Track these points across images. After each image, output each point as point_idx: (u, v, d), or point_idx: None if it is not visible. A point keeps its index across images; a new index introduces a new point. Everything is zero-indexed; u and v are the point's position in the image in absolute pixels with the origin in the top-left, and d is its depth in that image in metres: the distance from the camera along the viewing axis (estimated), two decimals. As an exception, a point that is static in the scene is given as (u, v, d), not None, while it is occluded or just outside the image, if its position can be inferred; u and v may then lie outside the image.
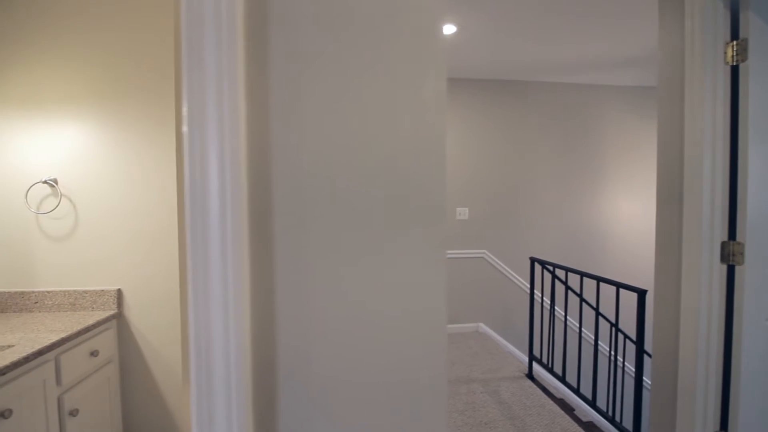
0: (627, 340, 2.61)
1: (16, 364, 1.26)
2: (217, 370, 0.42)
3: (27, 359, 1.31)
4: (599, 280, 2.49)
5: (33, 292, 1.83)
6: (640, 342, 2.13)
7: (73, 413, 1.53)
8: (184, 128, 0.39)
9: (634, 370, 2.22)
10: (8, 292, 1.82)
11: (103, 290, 1.85)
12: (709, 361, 1.38)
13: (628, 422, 2.28)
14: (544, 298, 3.10)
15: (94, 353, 1.67)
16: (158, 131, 1.87)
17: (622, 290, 2.28)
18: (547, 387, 2.93)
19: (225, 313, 0.42)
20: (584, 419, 2.50)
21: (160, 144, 1.87)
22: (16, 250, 1.83)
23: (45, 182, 1.81)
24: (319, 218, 0.44)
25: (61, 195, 1.83)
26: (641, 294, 2.11)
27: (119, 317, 1.89)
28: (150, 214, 1.88)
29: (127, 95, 1.85)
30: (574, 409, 2.62)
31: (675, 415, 1.46)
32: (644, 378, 2.24)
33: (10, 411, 1.23)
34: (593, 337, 2.57)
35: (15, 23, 1.79)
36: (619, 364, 3.15)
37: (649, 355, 2.12)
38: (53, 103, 1.82)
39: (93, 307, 1.85)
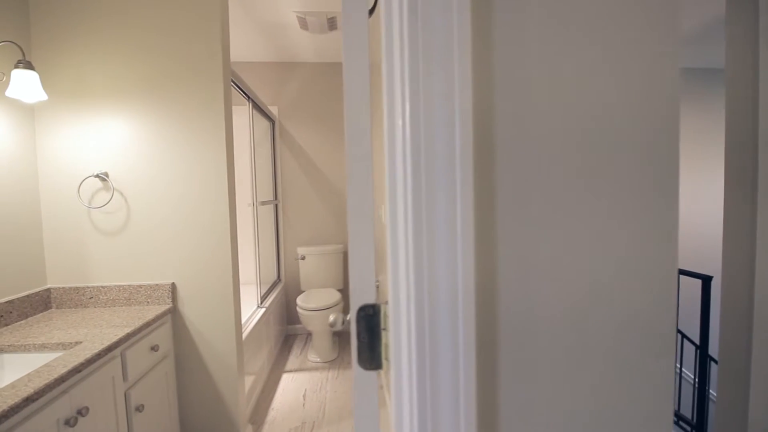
0: (685, 341, 2.41)
1: (90, 361, 1.24)
2: (442, 328, 0.36)
3: (99, 355, 1.29)
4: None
5: (88, 287, 1.82)
6: (703, 342, 1.97)
7: (140, 408, 1.52)
8: (419, 75, 0.33)
9: (694, 378, 2.05)
10: (63, 288, 1.82)
11: (157, 284, 1.84)
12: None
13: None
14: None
15: (154, 348, 1.66)
16: (205, 122, 1.83)
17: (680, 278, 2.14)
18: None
19: (452, 266, 0.36)
20: None
21: (207, 135, 1.83)
22: (69, 246, 1.81)
23: (96, 176, 1.78)
24: (540, 171, 0.39)
25: (113, 189, 1.80)
26: (706, 281, 1.99)
27: (174, 311, 1.87)
28: (199, 206, 1.85)
29: (174, 87, 1.81)
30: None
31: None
32: (710, 390, 2.04)
33: (87, 408, 1.22)
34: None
35: (62, 18, 1.75)
36: (675, 370, 3.03)
37: (715, 362, 1.92)
38: (101, 96, 1.78)
39: (148, 302, 1.84)
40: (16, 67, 1.49)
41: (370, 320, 0.52)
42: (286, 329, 3.73)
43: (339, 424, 2.23)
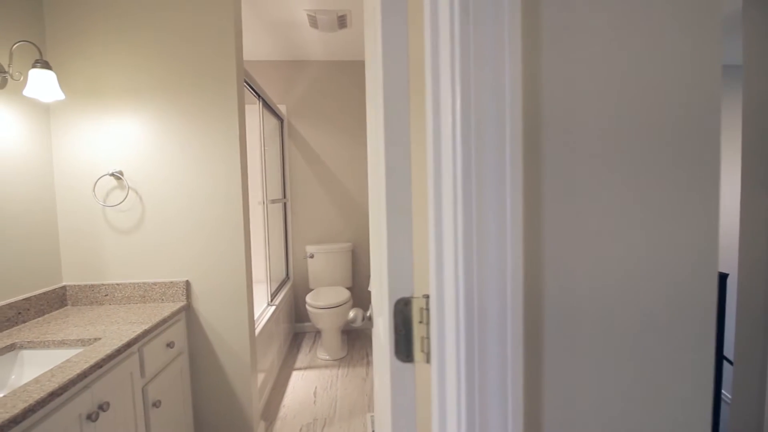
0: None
1: (110, 357, 1.26)
2: (491, 321, 0.37)
3: (119, 351, 1.30)
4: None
5: (103, 284, 1.84)
6: (718, 342, 1.96)
7: (156, 404, 1.53)
8: (469, 57, 0.34)
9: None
10: (78, 285, 1.83)
11: (172, 282, 1.85)
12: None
13: None
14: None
15: (170, 344, 1.67)
16: (218, 121, 1.84)
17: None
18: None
19: (502, 259, 0.36)
20: None
21: (221, 134, 1.84)
22: (84, 244, 1.83)
23: (111, 174, 1.80)
24: (585, 162, 0.40)
25: (128, 187, 1.82)
26: (722, 278, 1.98)
27: (188, 308, 1.89)
28: (212, 205, 1.86)
29: (187, 86, 1.82)
30: None
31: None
32: (723, 391, 2.04)
33: (108, 404, 1.23)
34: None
35: (76, 18, 1.76)
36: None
37: (730, 362, 1.91)
38: (116, 95, 1.80)
39: (162, 299, 1.85)
40: (34, 66, 1.50)
41: (407, 313, 0.52)
42: (295, 327, 3.74)
43: (350, 421, 2.24)
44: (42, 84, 1.50)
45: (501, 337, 0.37)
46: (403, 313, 0.51)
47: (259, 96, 2.62)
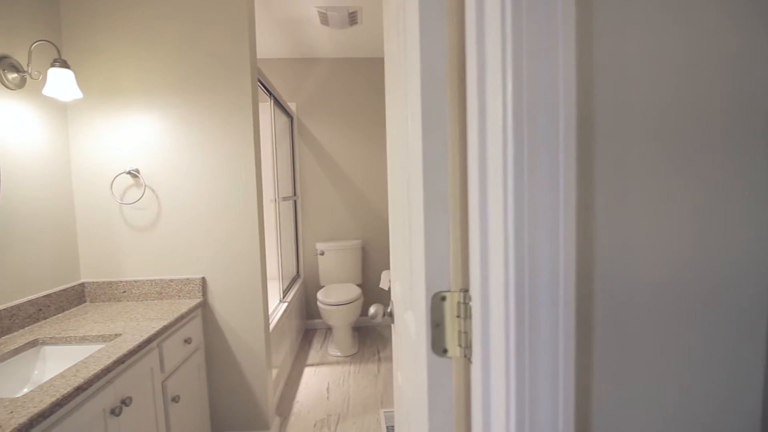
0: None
1: (132, 352, 1.27)
2: (542, 311, 0.36)
3: (140, 347, 1.32)
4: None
5: (120, 281, 1.86)
6: None
7: (176, 399, 1.55)
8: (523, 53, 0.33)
9: None
10: (96, 282, 1.86)
11: (188, 279, 1.87)
12: None
13: None
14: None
15: (187, 340, 1.69)
16: (233, 119, 1.84)
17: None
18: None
19: (554, 253, 0.36)
20: None
21: (236, 132, 1.85)
22: (102, 241, 1.85)
23: (128, 173, 1.81)
24: (638, 153, 0.39)
25: (144, 185, 1.83)
26: None
27: (204, 305, 1.90)
28: (228, 202, 1.87)
29: (203, 85, 1.83)
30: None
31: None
32: None
33: (130, 398, 1.25)
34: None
35: (92, 18, 1.78)
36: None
37: None
38: (132, 92, 1.81)
39: (179, 296, 1.87)
40: (53, 65, 1.52)
41: (445, 307, 0.52)
42: (305, 324, 3.76)
43: (364, 416, 2.24)
44: (61, 83, 1.52)
45: (552, 332, 0.37)
46: (440, 308, 0.51)
47: (270, 93, 2.63)
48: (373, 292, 3.81)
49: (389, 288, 3.13)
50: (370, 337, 3.53)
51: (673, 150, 0.41)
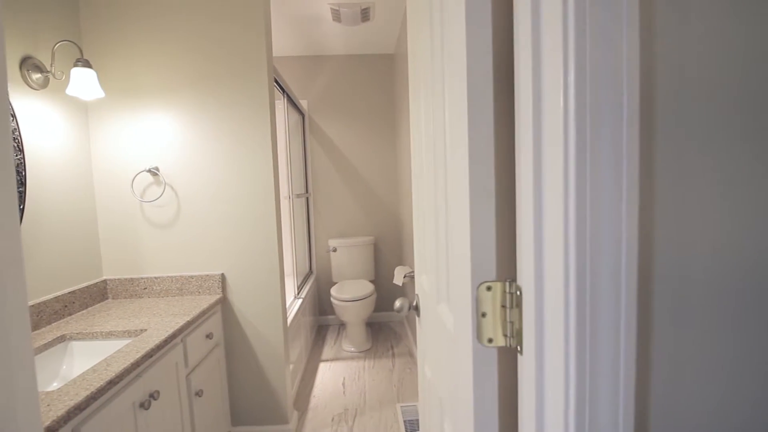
0: None
1: (159, 347, 1.29)
2: (604, 298, 0.36)
3: (166, 342, 1.34)
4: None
5: (141, 278, 1.89)
6: None
7: (199, 394, 1.57)
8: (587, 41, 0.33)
9: None
10: (118, 279, 1.88)
11: (208, 275, 1.89)
12: None
13: None
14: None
15: (209, 336, 1.71)
16: (251, 117, 1.85)
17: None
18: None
19: (616, 231, 0.36)
20: None
21: (253, 130, 1.86)
22: (123, 239, 1.88)
23: (148, 171, 1.83)
24: (698, 133, 0.39)
25: (165, 183, 1.85)
26: None
27: (223, 301, 1.92)
28: (246, 199, 1.89)
29: (221, 83, 1.84)
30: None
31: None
32: None
33: (158, 392, 1.27)
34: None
35: (111, 18, 1.79)
36: None
37: None
38: (151, 93, 1.83)
39: (199, 292, 1.89)
40: (75, 65, 1.54)
41: (490, 297, 0.52)
42: (318, 320, 3.78)
43: (381, 410, 2.26)
44: (84, 82, 1.54)
45: (614, 327, 0.37)
46: (486, 297, 0.51)
47: (284, 91, 2.64)
48: (385, 288, 3.82)
49: (403, 284, 3.13)
50: (383, 332, 3.54)
51: (734, 140, 0.40)
